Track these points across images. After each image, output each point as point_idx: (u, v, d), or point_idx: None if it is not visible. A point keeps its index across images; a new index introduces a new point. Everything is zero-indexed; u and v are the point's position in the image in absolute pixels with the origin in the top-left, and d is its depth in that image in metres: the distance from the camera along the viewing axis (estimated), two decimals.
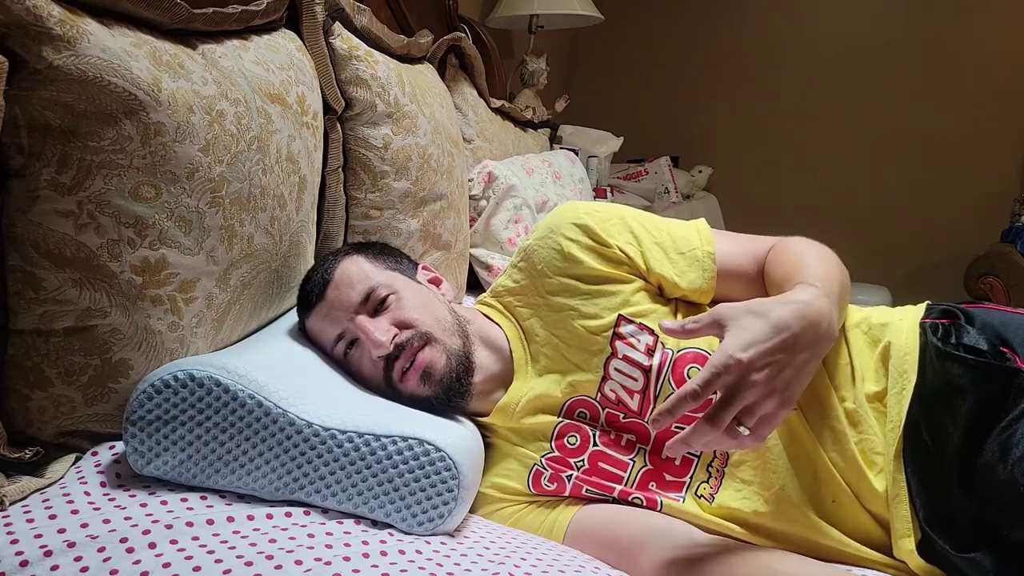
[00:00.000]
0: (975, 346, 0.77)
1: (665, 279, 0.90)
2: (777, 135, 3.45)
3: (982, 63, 3.02)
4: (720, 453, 0.82)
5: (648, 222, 0.95)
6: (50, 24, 0.65)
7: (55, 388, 0.74)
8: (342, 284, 0.88)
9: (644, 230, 0.93)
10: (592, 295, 0.89)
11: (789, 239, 0.90)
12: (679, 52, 3.61)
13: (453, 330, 0.89)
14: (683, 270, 0.91)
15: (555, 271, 0.91)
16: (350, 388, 0.85)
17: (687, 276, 0.90)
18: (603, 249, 0.90)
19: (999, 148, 3.03)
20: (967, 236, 3.04)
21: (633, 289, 0.89)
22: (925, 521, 0.74)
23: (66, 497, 0.69)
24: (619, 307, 0.88)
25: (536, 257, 0.93)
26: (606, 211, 0.94)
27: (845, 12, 3.26)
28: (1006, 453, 0.69)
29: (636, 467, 0.84)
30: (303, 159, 1.00)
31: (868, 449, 0.80)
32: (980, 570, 0.69)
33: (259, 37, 0.99)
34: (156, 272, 0.76)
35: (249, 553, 0.63)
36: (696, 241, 0.92)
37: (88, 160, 0.70)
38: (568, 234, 0.91)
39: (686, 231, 0.94)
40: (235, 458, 0.72)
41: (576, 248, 0.90)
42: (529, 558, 0.72)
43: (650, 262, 0.91)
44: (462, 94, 1.76)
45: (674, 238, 0.93)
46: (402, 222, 1.26)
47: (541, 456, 0.87)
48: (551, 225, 0.93)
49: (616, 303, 0.88)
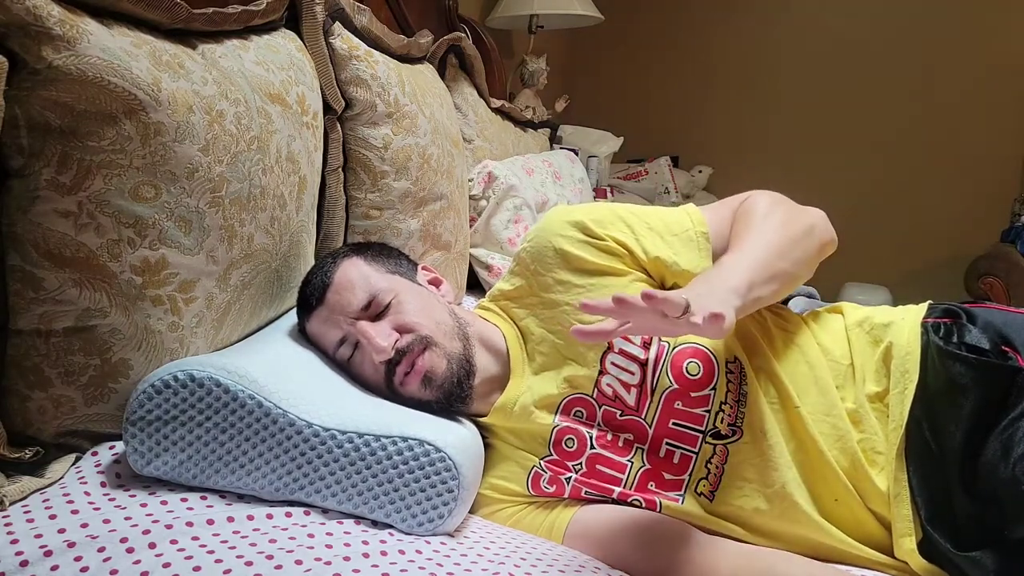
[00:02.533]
0: (977, 345, 0.78)
1: (663, 261, 0.89)
2: (777, 135, 3.45)
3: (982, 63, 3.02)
4: (720, 451, 0.82)
5: (638, 210, 0.95)
6: (50, 24, 0.65)
7: (55, 388, 0.74)
8: (342, 288, 0.88)
9: (635, 217, 0.93)
10: (587, 288, 0.89)
11: (748, 206, 0.89)
12: (679, 52, 3.61)
13: (453, 333, 0.89)
14: (679, 250, 0.90)
15: (549, 268, 0.91)
16: (350, 388, 0.85)
17: (684, 256, 0.89)
18: (597, 242, 0.90)
19: (999, 148, 3.03)
20: (967, 236, 3.03)
21: (628, 281, 0.89)
22: (926, 520, 0.74)
23: (66, 497, 0.69)
24: None
25: (530, 257, 0.93)
26: (596, 207, 0.94)
27: (845, 12, 3.26)
28: (1008, 452, 0.69)
29: (634, 468, 0.84)
30: (303, 159, 1.00)
31: (870, 448, 0.80)
32: (981, 569, 0.69)
33: (259, 37, 0.99)
34: (156, 272, 0.76)
35: (249, 553, 0.63)
36: (688, 223, 0.92)
37: (88, 160, 0.70)
38: (560, 231, 0.91)
39: (677, 215, 0.94)
40: (235, 458, 0.72)
41: (569, 243, 0.90)
42: (529, 558, 0.72)
43: (646, 246, 0.90)
44: (462, 94, 1.76)
45: (666, 222, 0.93)
46: (402, 222, 1.26)
47: (540, 459, 0.87)
48: (543, 226, 0.93)
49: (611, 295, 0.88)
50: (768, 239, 0.82)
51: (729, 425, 0.82)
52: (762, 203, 0.89)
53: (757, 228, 0.83)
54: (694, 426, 0.82)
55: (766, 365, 0.85)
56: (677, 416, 0.83)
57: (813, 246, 0.86)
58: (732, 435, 0.82)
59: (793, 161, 3.42)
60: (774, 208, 0.87)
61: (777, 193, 0.92)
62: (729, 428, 0.82)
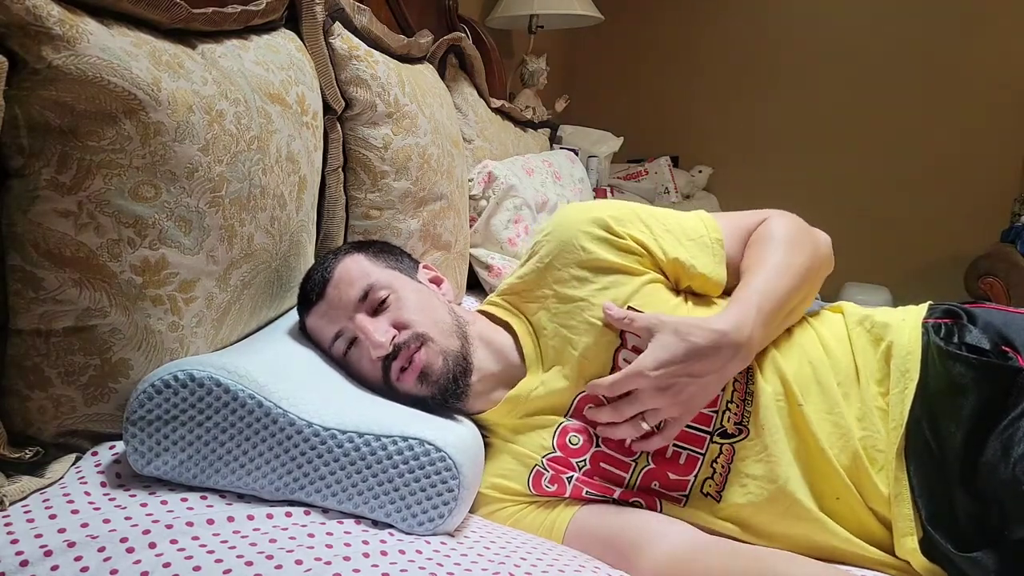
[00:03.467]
0: (977, 345, 0.78)
1: (681, 263, 0.90)
2: (777, 135, 3.45)
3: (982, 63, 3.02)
4: (726, 450, 0.82)
5: (656, 211, 0.96)
6: (50, 24, 0.65)
7: (55, 388, 0.74)
8: (342, 283, 0.88)
9: (654, 219, 0.94)
10: (603, 286, 0.89)
11: (767, 227, 0.93)
12: (679, 52, 3.61)
13: (451, 331, 0.89)
14: (695, 254, 0.91)
15: (565, 263, 0.91)
16: (350, 388, 0.85)
17: (700, 260, 0.91)
18: (616, 240, 0.90)
19: (999, 148, 3.03)
20: (967, 236, 3.04)
21: (644, 281, 0.89)
22: (927, 520, 0.74)
23: (66, 497, 0.69)
24: (629, 298, 0.88)
25: (544, 251, 0.93)
26: (616, 204, 0.95)
27: (846, 12, 3.26)
28: (1008, 452, 0.69)
29: (639, 466, 0.84)
30: (303, 159, 1.00)
31: (871, 447, 0.80)
32: (981, 570, 0.69)
33: (259, 37, 0.99)
34: (156, 272, 0.76)
35: (249, 553, 0.63)
36: (703, 229, 0.94)
37: (88, 160, 0.70)
38: (581, 227, 0.91)
39: (692, 221, 0.95)
40: (235, 458, 0.72)
41: (588, 239, 0.90)
42: (529, 558, 0.72)
43: (665, 247, 0.91)
44: (462, 94, 1.76)
45: (683, 226, 0.94)
46: (402, 222, 1.26)
47: (542, 456, 0.87)
48: (563, 221, 0.93)
49: (627, 293, 0.88)
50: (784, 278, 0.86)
51: (736, 424, 0.82)
52: (779, 230, 0.91)
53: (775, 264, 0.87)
54: (701, 427, 0.83)
55: (771, 364, 0.85)
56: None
57: (820, 278, 0.92)
58: (739, 434, 0.82)
59: (793, 161, 3.43)
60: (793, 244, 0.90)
61: (793, 217, 0.95)
62: (736, 427, 0.82)
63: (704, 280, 0.91)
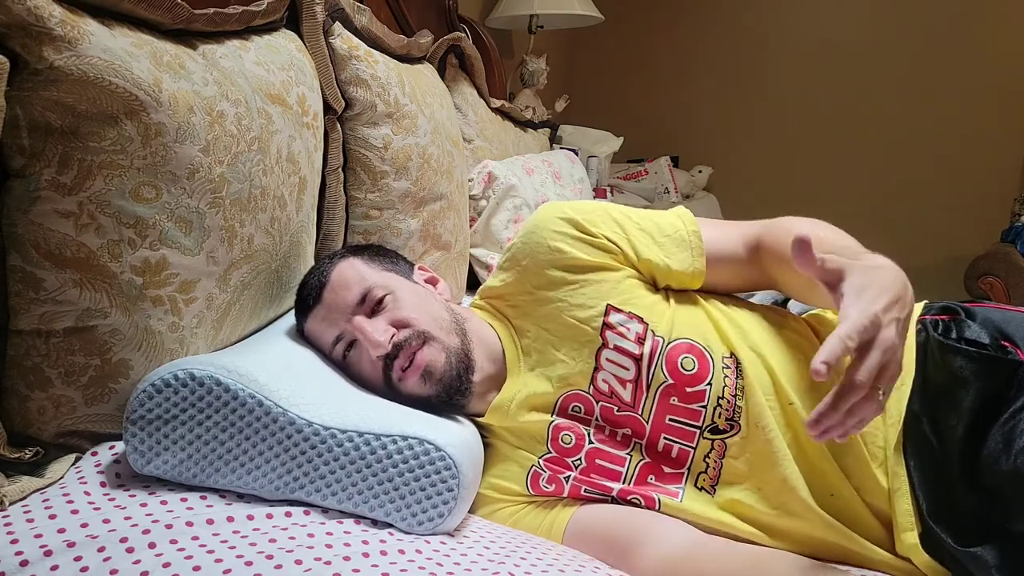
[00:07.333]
0: (977, 339, 0.78)
1: (655, 264, 0.90)
2: (777, 135, 3.45)
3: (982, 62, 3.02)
4: (717, 445, 0.82)
5: (631, 212, 0.96)
6: (51, 24, 0.65)
7: (55, 388, 0.74)
8: (338, 286, 0.88)
9: (627, 219, 0.94)
10: (580, 285, 0.89)
11: (782, 219, 0.89)
12: (679, 52, 3.61)
13: (451, 328, 0.89)
14: (671, 252, 0.91)
15: (541, 265, 0.91)
16: (350, 388, 0.85)
17: (676, 257, 0.91)
18: (589, 239, 0.90)
19: (999, 148, 3.03)
20: (967, 236, 3.04)
21: (621, 277, 0.89)
22: (928, 514, 0.74)
23: (66, 497, 0.69)
24: (607, 295, 0.88)
25: (520, 254, 0.93)
26: (588, 205, 0.95)
27: (846, 12, 3.26)
28: (1009, 444, 0.69)
29: (633, 461, 0.84)
30: (303, 159, 1.00)
31: (870, 443, 0.80)
32: (982, 564, 0.69)
33: (259, 37, 0.99)
34: (156, 272, 0.76)
35: (249, 553, 0.63)
36: (679, 224, 0.93)
37: (89, 160, 0.70)
38: (553, 227, 0.91)
39: (669, 217, 0.95)
40: (235, 457, 0.72)
41: (561, 240, 0.90)
42: (529, 558, 0.72)
43: (638, 248, 0.91)
44: (462, 94, 1.76)
45: (658, 224, 0.94)
46: (402, 222, 1.26)
47: (539, 457, 0.87)
48: (535, 222, 0.94)
49: (604, 291, 0.88)
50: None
51: (727, 420, 0.82)
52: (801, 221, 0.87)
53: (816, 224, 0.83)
54: (691, 422, 0.83)
55: (764, 362, 0.85)
56: (673, 412, 0.83)
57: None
58: (730, 430, 0.82)
59: (793, 161, 3.43)
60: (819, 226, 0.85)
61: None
62: (727, 423, 0.82)
63: (681, 276, 0.91)
